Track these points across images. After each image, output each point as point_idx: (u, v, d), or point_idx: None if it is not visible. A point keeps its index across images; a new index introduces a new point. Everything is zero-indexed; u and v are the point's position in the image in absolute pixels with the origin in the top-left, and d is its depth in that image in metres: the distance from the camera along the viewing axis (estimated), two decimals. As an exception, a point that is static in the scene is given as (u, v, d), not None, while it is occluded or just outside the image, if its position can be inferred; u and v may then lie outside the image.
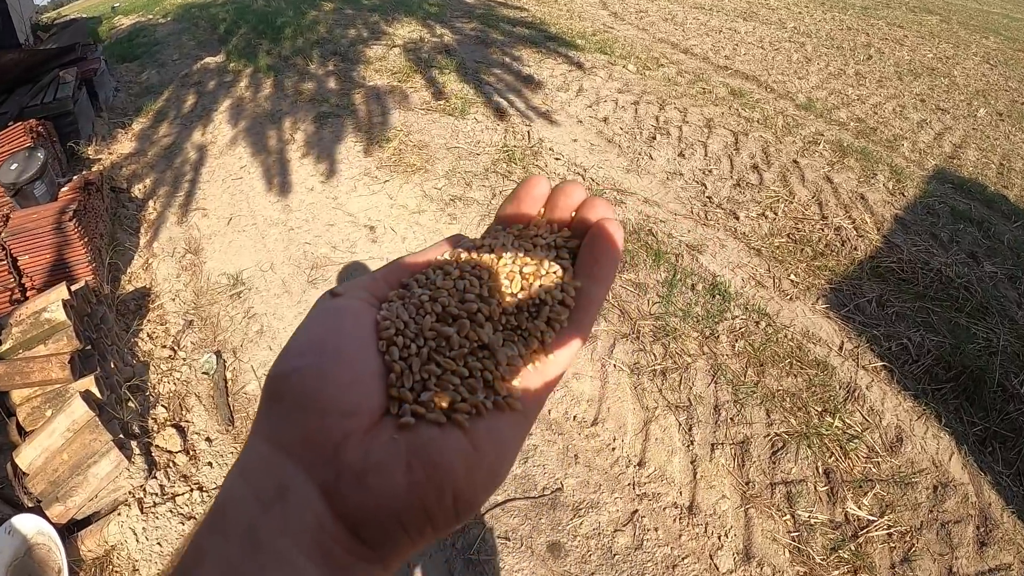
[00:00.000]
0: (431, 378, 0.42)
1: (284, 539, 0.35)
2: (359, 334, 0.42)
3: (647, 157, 5.54)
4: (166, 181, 5.18)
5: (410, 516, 0.37)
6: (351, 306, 0.44)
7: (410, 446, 0.38)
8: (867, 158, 5.67)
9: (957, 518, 2.82)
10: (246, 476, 0.38)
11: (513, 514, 2.76)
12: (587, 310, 0.47)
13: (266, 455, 0.38)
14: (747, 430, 3.14)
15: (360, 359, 0.41)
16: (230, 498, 0.37)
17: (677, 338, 3.61)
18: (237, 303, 3.91)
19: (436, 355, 0.43)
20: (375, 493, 0.36)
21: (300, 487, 0.36)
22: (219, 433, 3.15)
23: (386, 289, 0.47)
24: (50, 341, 2.93)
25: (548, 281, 0.47)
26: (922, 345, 3.66)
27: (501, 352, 0.44)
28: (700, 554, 2.66)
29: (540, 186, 0.51)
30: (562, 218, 0.51)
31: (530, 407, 0.44)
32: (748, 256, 4.34)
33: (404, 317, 0.44)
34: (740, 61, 8.14)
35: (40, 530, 2.52)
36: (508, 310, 0.46)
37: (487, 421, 0.41)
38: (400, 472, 0.37)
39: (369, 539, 0.36)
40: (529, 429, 0.44)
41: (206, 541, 0.36)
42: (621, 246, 0.48)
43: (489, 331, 0.44)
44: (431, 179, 5.07)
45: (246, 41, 8.10)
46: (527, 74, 7.11)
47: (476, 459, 0.39)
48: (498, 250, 0.49)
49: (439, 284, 0.46)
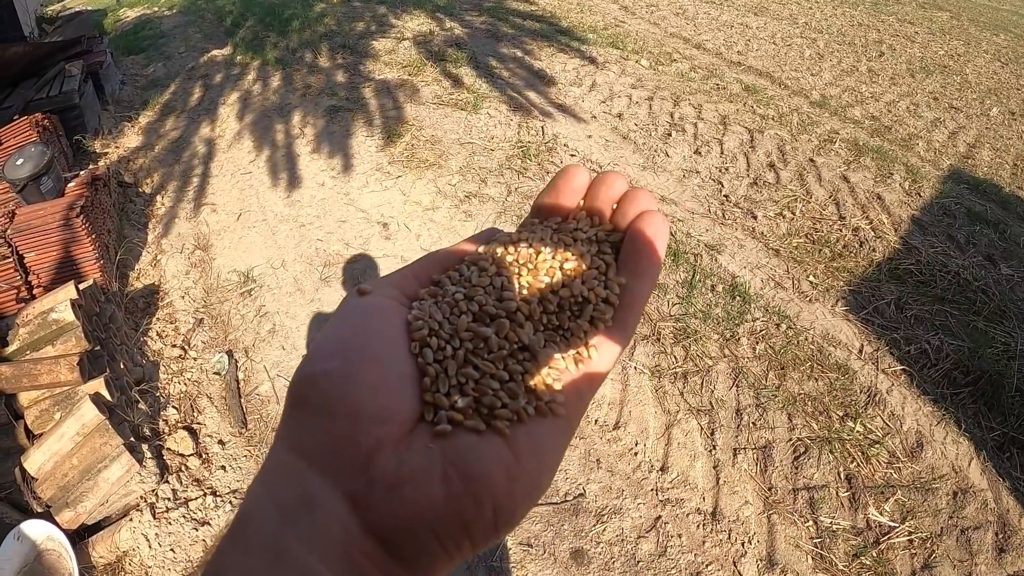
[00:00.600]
0: (468, 382, 0.39)
1: (309, 552, 0.32)
2: (389, 335, 0.40)
3: (663, 154, 5.50)
4: (174, 176, 5.13)
5: (447, 529, 0.34)
6: (380, 305, 0.42)
7: (447, 455, 0.36)
8: (883, 157, 5.63)
9: (976, 524, 2.81)
10: (268, 486, 0.35)
11: (535, 520, 2.73)
12: (632, 308, 0.45)
13: (289, 463, 0.35)
14: (769, 435, 3.11)
15: (390, 362, 0.39)
16: (252, 509, 0.35)
17: (698, 340, 3.57)
18: (248, 301, 3.87)
19: (473, 357, 0.40)
20: (410, 504, 0.34)
21: (326, 497, 0.34)
22: (232, 435, 3.11)
23: (417, 286, 0.45)
24: (58, 342, 2.88)
25: (591, 278, 0.44)
26: (940, 349, 3.63)
27: (542, 354, 0.41)
28: (724, 561, 2.64)
29: (580, 176, 0.48)
30: (603, 210, 0.47)
31: (573, 412, 0.41)
32: (767, 256, 4.30)
33: (438, 317, 0.41)
34: (753, 57, 8.10)
35: (50, 536, 2.49)
36: (549, 309, 0.43)
37: (528, 428, 0.38)
38: (437, 482, 0.35)
39: (402, 554, 0.34)
40: (572, 436, 0.41)
41: (228, 555, 0.33)
42: (666, 241, 0.45)
43: (530, 331, 0.42)
44: (445, 175, 5.03)
45: (253, 34, 8.06)
46: (539, 69, 7.07)
47: (517, 469, 0.37)
48: (536, 244, 0.46)
49: (474, 281, 0.44)
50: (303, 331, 3.66)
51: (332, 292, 3.91)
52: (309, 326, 3.67)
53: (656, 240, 0.45)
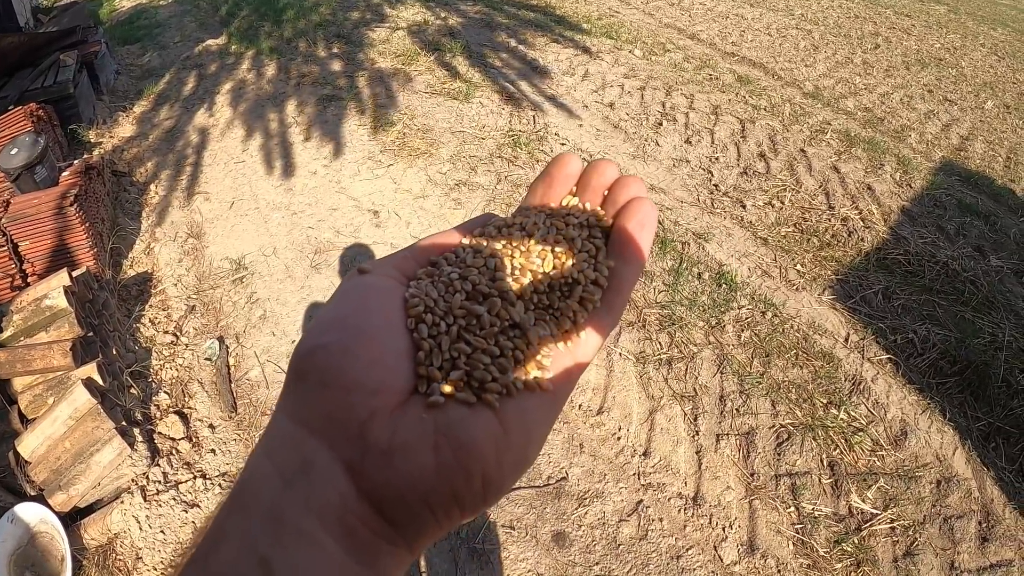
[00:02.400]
0: (460, 357, 0.41)
1: (307, 516, 0.34)
2: (387, 311, 0.42)
3: (653, 143, 5.51)
4: (168, 164, 5.14)
5: (438, 497, 0.36)
6: (379, 283, 0.44)
7: (439, 425, 0.37)
8: (874, 148, 5.64)
9: (960, 513, 2.84)
10: (269, 453, 0.37)
11: (518, 503, 2.76)
12: (620, 291, 0.46)
13: (290, 432, 0.37)
14: (752, 421, 3.14)
15: (387, 336, 0.40)
16: (253, 475, 0.36)
17: (683, 327, 3.60)
18: (240, 288, 3.89)
19: (466, 334, 0.42)
20: (402, 472, 0.35)
21: (324, 464, 0.35)
22: (222, 420, 3.14)
23: (415, 267, 0.47)
24: (51, 328, 2.91)
25: (581, 260, 0.46)
26: (927, 339, 3.66)
27: (532, 332, 0.43)
28: (704, 545, 2.67)
29: (572, 164, 0.51)
30: (594, 197, 0.50)
31: (561, 388, 0.43)
32: (754, 245, 4.33)
33: (433, 295, 0.43)
34: (747, 48, 8.08)
35: (43, 519, 2.51)
36: (540, 289, 0.45)
37: (517, 401, 0.40)
38: (428, 452, 0.36)
39: (395, 519, 0.36)
40: (559, 411, 0.43)
41: (227, 518, 0.35)
42: (655, 226, 0.48)
43: (520, 310, 0.43)
44: (435, 163, 5.04)
45: (248, 23, 8.03)
46: (532, 58, 7.06)
47: (505, 440, 0.38)
48: (530, 228, 0.48)
49: (469, 262, 0.46)
50: (293, 317, 3.68)
51: (322, 279, 3.93)
52: (304, 314, 3.70)
53: (644, 226, 0.47)
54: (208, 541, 0.34)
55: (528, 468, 0.40)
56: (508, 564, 2.57)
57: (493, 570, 2.55)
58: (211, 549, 0.34)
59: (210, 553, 0.34)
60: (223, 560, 0.33)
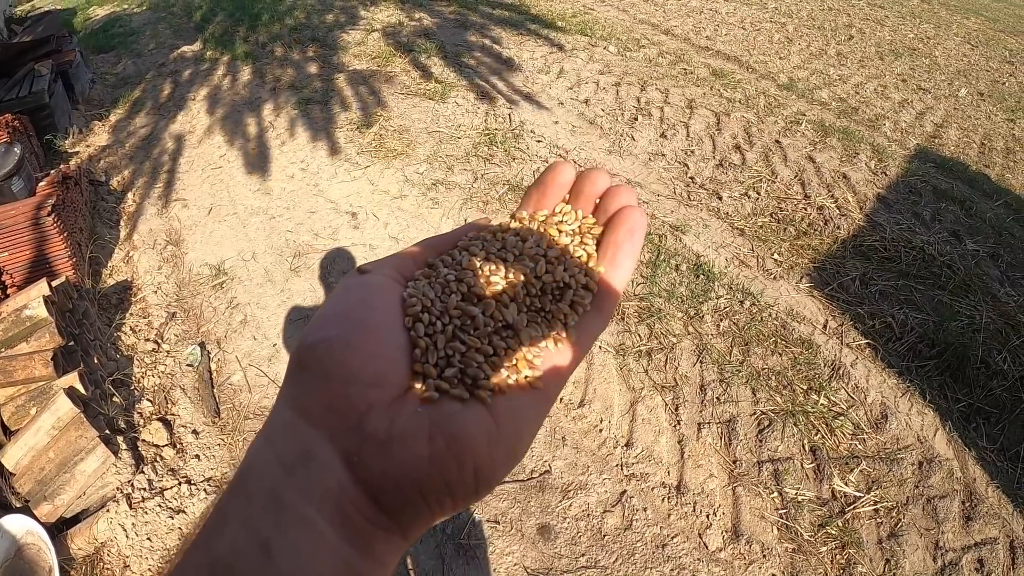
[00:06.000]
0: (455, 355, 0.42)
1: (306, 503, 0.35)
2: (386, 309, 0.43)
3: (629, 138, 5.53)
4: (145, 172, 5.11)
5: (431, 487, 0.37)
6: (378, 282, 0.45)
7: (433, 419, 0.39)
8: (849, 137, 5.69)
9: (942, 493, 2.86)
10: (270, 441, 0.39)
11: (502, 497, 2.77)
12: (609, 295, 0.49)
13: (290, 421, 0.39)
14: (733, 409, 3.17)
15: (386, 333, 0.42)
16: (254, 462, 0.38)
17: (662, 319, 3.62)
18: (220, 294, 3.88)
19: (461, 333, 0.44)
20: (398, 462, 0.37)
21: (323, 453, 0.37)
22: (205, 425, 3.13)
23: (413, 268, 0.48)
24: (32, 338, 2.89)
25: (573, 266, 0.48)
26: (905, 323, 3.69)
27: (525, 332, 0.45)
28: (689, 533, 2.69)
29: (566, 173, 0.53)
30: (587, 204, 0.52)
31: (551, 387, 0.45)
32: (731, 236, 4.36)
33: (430, 295, 0.45)
34: (721, 42, 8.13)
35: (29, 530, 2.50)
36: (533, 292, 0.47)
37: (509, 399, 0.42)
38: (423, 443, 0.38)
39: (390, 508, 0.37)
40: (549, 409, 0.45)
41: (229, 503, 0.36)
42: (644, 233, 0.50)
43: (514, 311, 0.45)
44: (412, 164, 5.04)
45: (223, 28, 7.99)
46: (507, 56, 7.07)
47: (497, 434, 0.40)
48: (523, 233, 0.50)
49: (465, 265, 0.48)
50: (274, 321, 3.68)
51: (302, 282, 3.92)
52: (284, 317, 3.70)
53: (634, 233, 0.49)
54: (210, 525, 0.36)
55: (518, 462, 0.42)
56: (495, 558, 2.58)
57: (480, 565, 2.56)
58: (213, 532, 0.35)
59: (212, 536, 0.35)
60: (225, 542, 0.34)
